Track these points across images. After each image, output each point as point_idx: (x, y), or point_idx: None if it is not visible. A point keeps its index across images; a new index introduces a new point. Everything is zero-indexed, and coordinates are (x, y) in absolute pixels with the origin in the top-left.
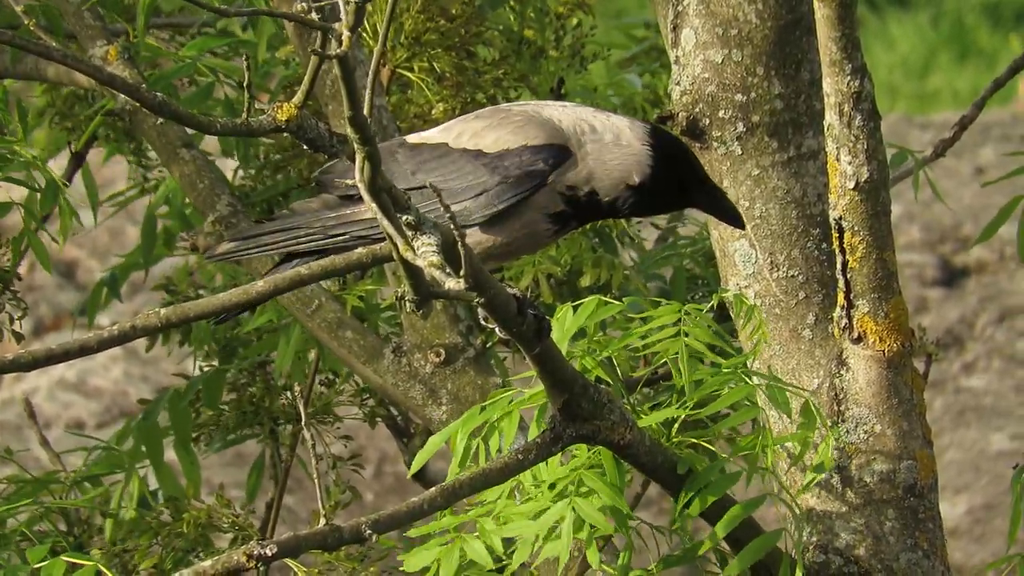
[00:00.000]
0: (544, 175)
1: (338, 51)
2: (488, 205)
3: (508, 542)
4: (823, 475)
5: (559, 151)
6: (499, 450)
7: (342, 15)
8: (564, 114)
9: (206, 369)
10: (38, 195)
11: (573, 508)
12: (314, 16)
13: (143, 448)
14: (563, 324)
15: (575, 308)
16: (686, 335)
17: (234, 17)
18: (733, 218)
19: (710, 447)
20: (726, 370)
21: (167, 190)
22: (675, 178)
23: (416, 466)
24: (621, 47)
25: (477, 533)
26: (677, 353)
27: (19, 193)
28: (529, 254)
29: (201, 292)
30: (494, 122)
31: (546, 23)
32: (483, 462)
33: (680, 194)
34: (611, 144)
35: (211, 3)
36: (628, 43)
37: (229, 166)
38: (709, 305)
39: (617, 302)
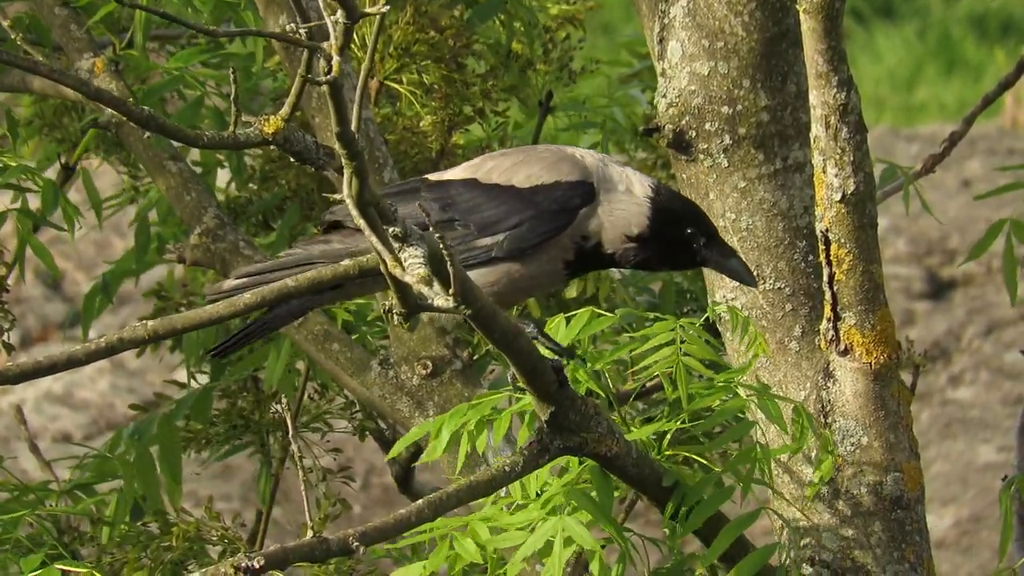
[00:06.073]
0: (577, 211)
1: (327, 77)
2: (523, 238)
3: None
4: (821, 486)
5: (589, 189)
6: (487, 445)
7: (330, 34)
8: (588, 156)
9: (199, 380)
10: (34, 199)
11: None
12: (302, 35)
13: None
14: (555, 335)
15: (567, 320)
16: (684, 353)
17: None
18: (744, 277)
19: (703, 460)
20: (719, 383)
21: (156, 196)
22: (678, 234)
23: (396, 450)
24: (624, 65)
25: (469, 535)
26: (671, 368)
27: (4, 204)
28: (543, 293)
29: (193, 300)
30: (524, 159)
31: (535, 36)
32: (463, 454)
33: (686, 251)
34: (622, 194)
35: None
36: (631, 60)
37: (223, 177)
38: (703, 318)
39: (609, 314)
